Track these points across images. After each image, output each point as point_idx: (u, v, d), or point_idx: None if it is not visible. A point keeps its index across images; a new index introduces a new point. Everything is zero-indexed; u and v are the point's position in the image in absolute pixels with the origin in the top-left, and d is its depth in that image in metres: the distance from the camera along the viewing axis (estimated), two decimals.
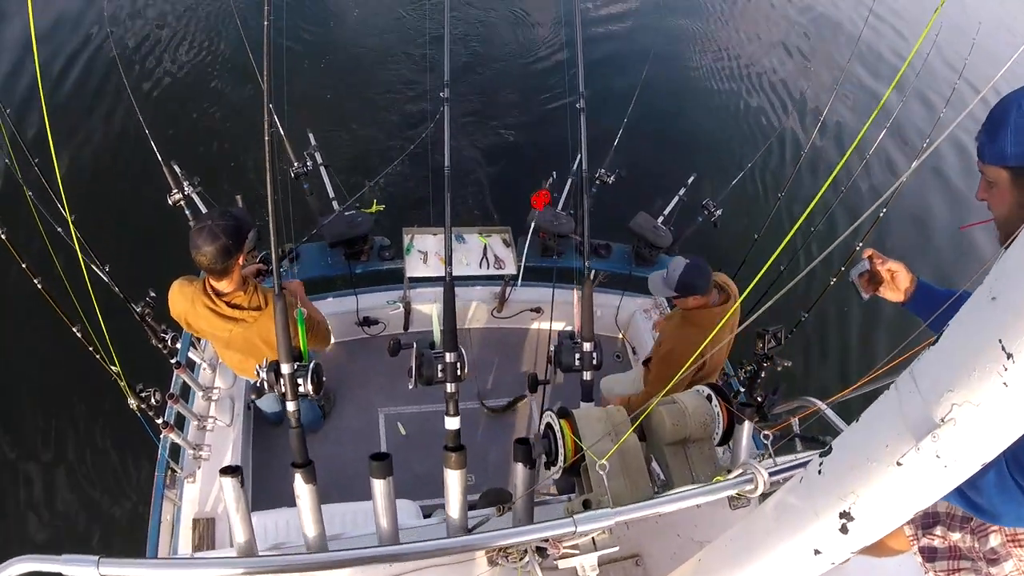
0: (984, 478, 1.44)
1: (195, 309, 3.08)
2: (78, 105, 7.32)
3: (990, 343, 0.84)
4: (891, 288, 2.18)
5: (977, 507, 1.52)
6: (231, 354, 3.43)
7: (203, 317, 3.10)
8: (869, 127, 2.21)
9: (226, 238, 2.79)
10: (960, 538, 1.89)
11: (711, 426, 1.95)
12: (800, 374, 6.38)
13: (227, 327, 3.11)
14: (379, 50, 9.06)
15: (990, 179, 1.66)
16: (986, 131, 1.62)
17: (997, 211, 1.69)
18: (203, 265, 2.86)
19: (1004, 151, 1.57)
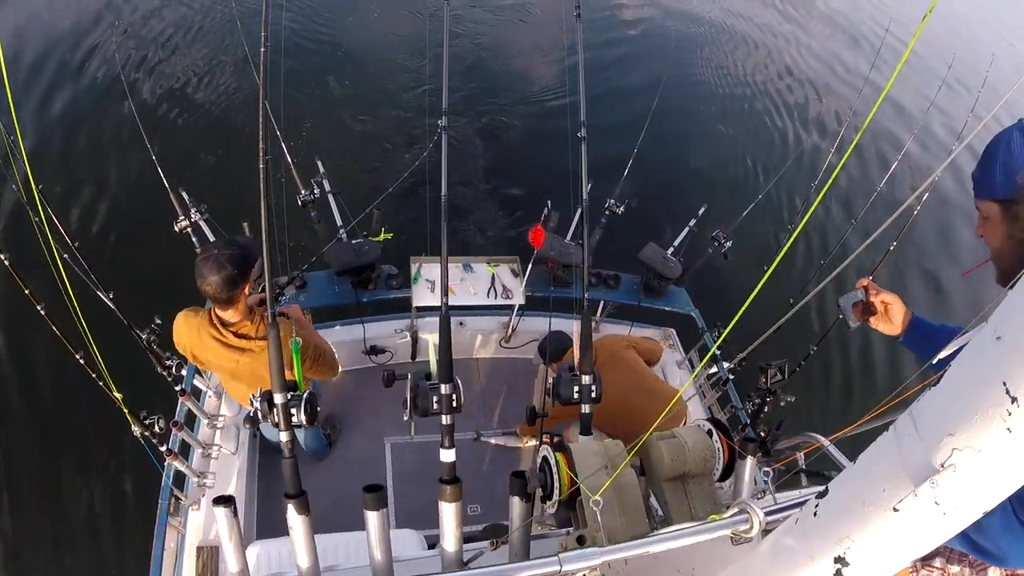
0: (989, 519, 1.40)
1: (201, 340, 3.08)
2: (83, 131, 7.43)
3: (994, 385, 0.80)
4: (883, 320, 2.17)
5: (982, 550, 1.49)
6: (237, 385, 3.42)
7: (209, 348, 3.10)
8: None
9: (232, 267, 2.80)
10: (959, 571, 1.85)
11: (711, 462, 1.91)
12: (806, 408, 6.30)
13: (234, 357, 3.10)
14: (385, 77, 9.19)
15: (984, 214, 1.71)
16: (980, 167, 1.67)
17: (991, 245, 1.73)
18: (209, 294, 2.86)
19: (993, 184, 1.62)
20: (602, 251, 4.50)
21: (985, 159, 1.64)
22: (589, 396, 2.18)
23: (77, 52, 8.44)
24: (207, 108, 8.11)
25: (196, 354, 3.21)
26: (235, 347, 3.08)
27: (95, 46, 8.56)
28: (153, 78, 8.37)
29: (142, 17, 9.31)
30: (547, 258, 4.22)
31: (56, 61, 8.23)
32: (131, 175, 6.82)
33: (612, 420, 3.24)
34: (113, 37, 8.61)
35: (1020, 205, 1.59)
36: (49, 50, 8.32)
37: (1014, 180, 1.58)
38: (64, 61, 8.27)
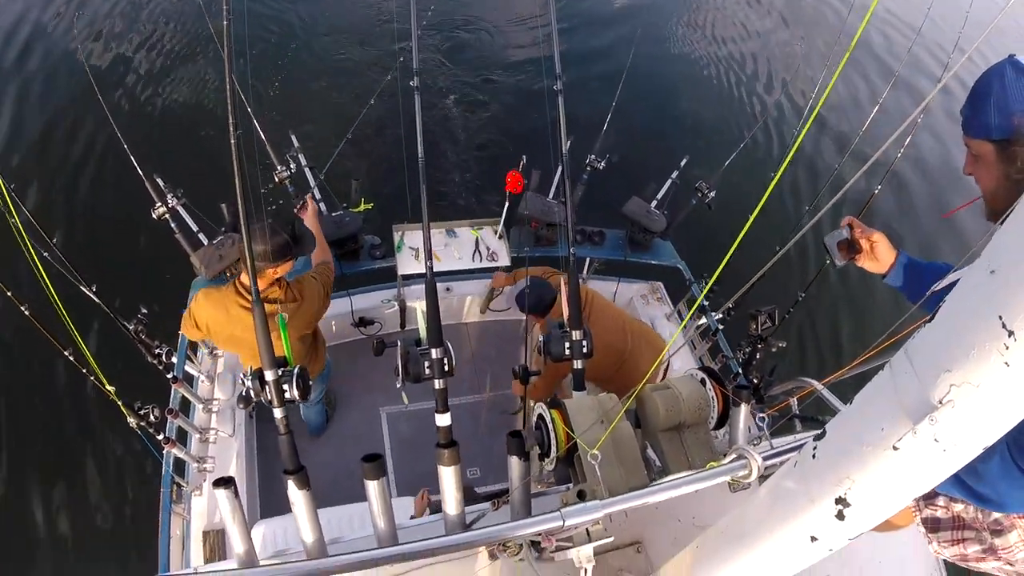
0: (986, 465, 1.40)
1: (228, 313, 3.14)
2: (48, 122, 7.28)
3: (989, 320, 0.79)
4: (869, 258, 2.13)
5: (981, 496, 1.49)
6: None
7: (237, 319, 3.15)
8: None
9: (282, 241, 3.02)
10: (963, 508, 1.86)
11: (706, 410, 1.92)
12: (798, 354, 6.35)
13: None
14: (351, 41, 9.02)
15: (975, 153, 1.66)
16: (969, 104, 1.62)
17: (983, 185, 1.69)
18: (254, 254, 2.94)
19: (988, 124, 1.57)
20: (585, 207, 4.47)
21: (976, 97, 1.60)
22: (580, 352, 2.18)
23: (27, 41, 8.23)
24: (176, 91, 7.94)
25: (217, 331, 3.25)
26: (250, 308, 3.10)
27: (49, 32, 8.34)
28: (116, 62, 8.17)
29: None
30: (531, 217, 4.19)
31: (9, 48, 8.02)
32: (103, 165, 6.69)
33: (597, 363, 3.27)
34: (74, 22, 8.36)
35: (1017, 146, 1.56)
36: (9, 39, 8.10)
37: (1010, 119, 1.54)
38: (15, 52, 8.06)
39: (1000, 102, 1.54)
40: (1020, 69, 1.53)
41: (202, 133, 7.23)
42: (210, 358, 4.20)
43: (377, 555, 1.62)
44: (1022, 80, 1.53)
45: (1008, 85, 1.53)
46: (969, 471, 1.44)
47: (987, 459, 1.40)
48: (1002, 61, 1.57)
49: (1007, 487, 1.41)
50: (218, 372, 4.15)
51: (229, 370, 4.16)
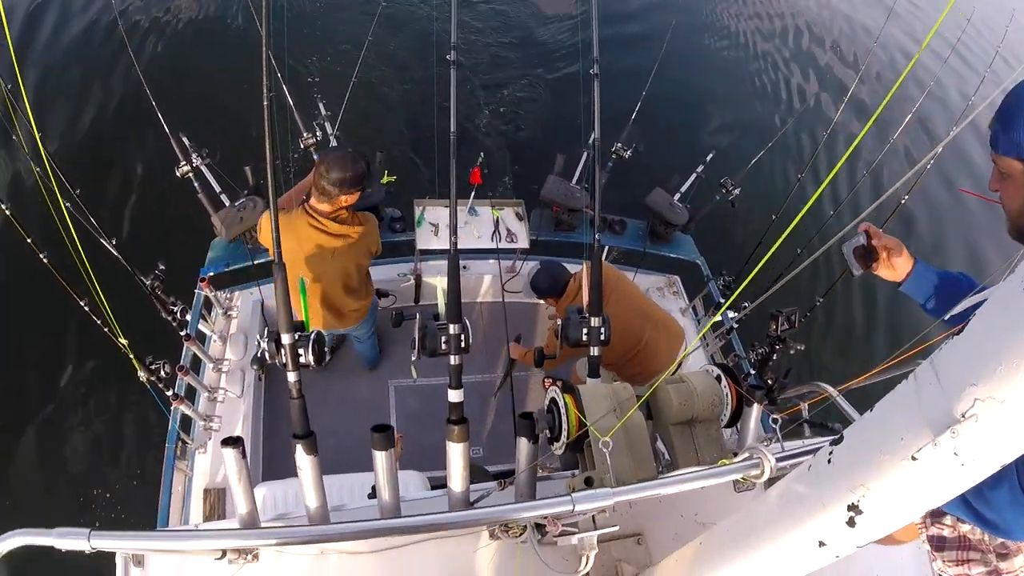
0: (995, 492, 1.39)
1: (296, 232, 3.22)
2: (81, 77, 7.29)
3: (1018, 336, 0.79)
4: (886, 266, 2.09)
5: (988, 522, 1.47)
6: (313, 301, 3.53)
7: (306, 238, 3.24)
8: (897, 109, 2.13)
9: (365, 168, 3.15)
10: (970, 529, 1.85)
11: (719, 407, 1.91)
12: (813, 359, 6.32)
13: (333, 243, 3.29)
14: (387, 14, 8.93)
15: (1003, 170, 1.59)
16: (999, 120, 1.54)
17: (1009, 204, 1.62)
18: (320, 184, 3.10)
19: (1019, 142, 1.50)
20: (608, 196, 4.43)
21: (1006, 113, 1.52)
22: (598, 338, 2.17)
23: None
24: (208, 52, 7.94)
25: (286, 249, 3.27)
26: (335, 234, 3.27)
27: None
28: (150, 20, 8.15)
29: None
30: (553, 201, 4.18)
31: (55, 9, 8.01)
32: (130, 121, 6.69)
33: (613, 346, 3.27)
34: None
35: None
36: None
37: None
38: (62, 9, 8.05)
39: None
40: None
41: (231, 95, 7.22)
42: (224, 319, 4.23)
43: (380, 526, 1.63)
44: None
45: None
46: (978, 496, 1.43)
47: (996, 486, 1.39)
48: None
49: (1014, 515, 1.40)
50: (231, 333, 4.17)
51: (242, 331, 4.19)
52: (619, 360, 3.56)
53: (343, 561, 1.92)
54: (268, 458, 3.95)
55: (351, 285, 3.60)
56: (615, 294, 3.55)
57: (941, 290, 2.04)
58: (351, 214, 3.34)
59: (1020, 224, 1.62)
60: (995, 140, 1.57)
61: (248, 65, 7.59)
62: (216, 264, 3.86)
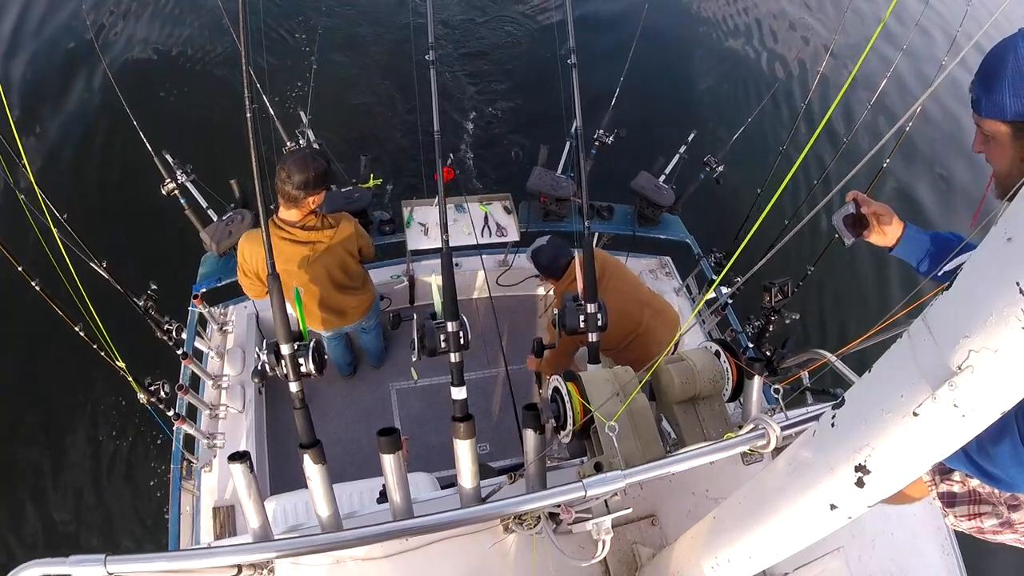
0: (998, 447, 1.40)
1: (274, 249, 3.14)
2: (57, 100, 7.24)
3: (1007, 286, 0.80)
4: (877, 232, 2.10)
5: (992, 476, 1.48)
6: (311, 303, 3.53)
7: (280, 252, 3.20)
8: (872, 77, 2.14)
9: (322, 166, 3.07)
10: (979, 483, 1.87)
11: (720, 382, 1.93)
12: (812, 327, 6.36)
13: (302, 252, 3.26)
14: (363, 17, 8.90)
15: (987, 132, 1.59)
16: (980, 82, 1.53)
17: (996, 165, 1.63)
18: (285, 190, 3.04)
19: (1002, 105, 1.49)
20: (594, 182, 4.44)
21: (988, 75, 1.50)
22: (596, 324, 2.18)
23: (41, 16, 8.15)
24: (185, 67, 7.87)
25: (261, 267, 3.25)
26: (303, 242, 3.24)
27: (59, 7, 8.27)
28: (125, 37, 8.09)
29: None
30: (539, 192, 4.19)
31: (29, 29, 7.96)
32: (112, 141, 6.66)
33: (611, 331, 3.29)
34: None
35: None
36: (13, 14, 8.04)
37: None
38: (29, 26, 8.00)
39: (1015, 81, 1.46)
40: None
41: (212, 110, 7.20)
42: (219, 334, 4.22)
43: (394, 528, 1.63)
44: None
45: (1023, 63, 1.44)
46: (981, 452, 1.45)
47: (999, 441, 1.41)
48: (1014, 36, 1.47)
49: (1018, 470, 1.40)
50: (228, 348, 4.17)
51: (239, 346, 4.18)
52: (617, 345, 3.57)
53: (359, 568, 1.92)
54: (275, 471, 3.95)
55: (344, 283, 3.58)
56: (612, 280, 3.57)
57: (933, 251, 2.04)
58: (320, 217, 3.29)
59: (1008, 185, 1.62)
60: (977, 103, 1.56)
61: (226, 78, 7.58)
62: (208, 279, 3.85)
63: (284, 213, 3.18)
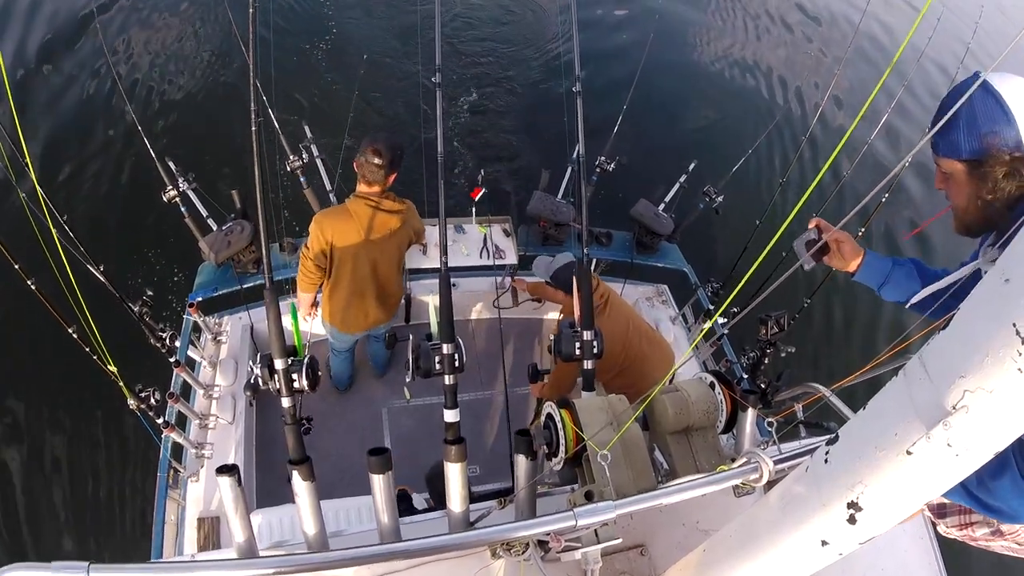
0: (998, 482, 1.44)
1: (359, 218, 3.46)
2: (64, 102, 7.23)
3: (1003, 327, 0.81)
4: (836, 257, 2.20)
5: (994, 510, 1.52)
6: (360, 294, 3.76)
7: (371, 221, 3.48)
8: (872, 113, 2.19)
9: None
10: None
11: (714, 414, 1.92)
12: (806, 360, 6.35)
13: (390, 222, 3.55)
14: (371, 37, 8.96)
15: (945, 171, 1.69)
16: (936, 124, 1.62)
17: (954, 201, 1.73)
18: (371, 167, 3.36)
19: (958, 145, 1.60)
20: (593, 208, 4.47)
21: (943, 117, 1.59)
22: (591, 352, 2.17)
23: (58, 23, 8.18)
24: (193, 77, 7.91)
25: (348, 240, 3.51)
26: (391, 211, 3.53)
27: (69, 11, 8.32)
28: (135, 44, 8.13)
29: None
30: (539, 216, 4.20)
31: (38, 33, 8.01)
32: (116, 146, 6.67)
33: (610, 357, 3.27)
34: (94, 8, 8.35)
35: (988, 166, 1.58)
36: (30, 22, 8.08)
37: (980, 140, 1.56)
38: (46, 32, 8.04)
39: (969, 122, 1.56)
40: (986, 87, 1.54)
41: (217, 120, 7.23)
42: (213, 344, 4.21)
43: (381, 551, 1.61)
44: (989, 99, 1.54)
45: (976, 105, 1.54)
46: (981, 486, 1.47)
47: (998, 475, 1.43)
48: (967, 80, 1.57)
49: (1020, 503, 1.44)
50: (221, 359, 4.15)
51: (232, 357, 4.17)
52: (611, 371, 3.56)
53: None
54: (262, 484, 3.92)
55: (399, 268, 3.87)
56: (610, 308, 3.57)
57: (892, 276, 2.16)
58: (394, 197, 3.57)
59: (966, 220, 1.73)
60: (935, 144, 1.67)
61: (233, 88, 7.61)
62: (205, 289, 3.84)
63: (367, 188, 3.45)
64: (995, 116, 1.54)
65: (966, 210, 1.70)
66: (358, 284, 3.68)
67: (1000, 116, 1.53)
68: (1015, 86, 1.55)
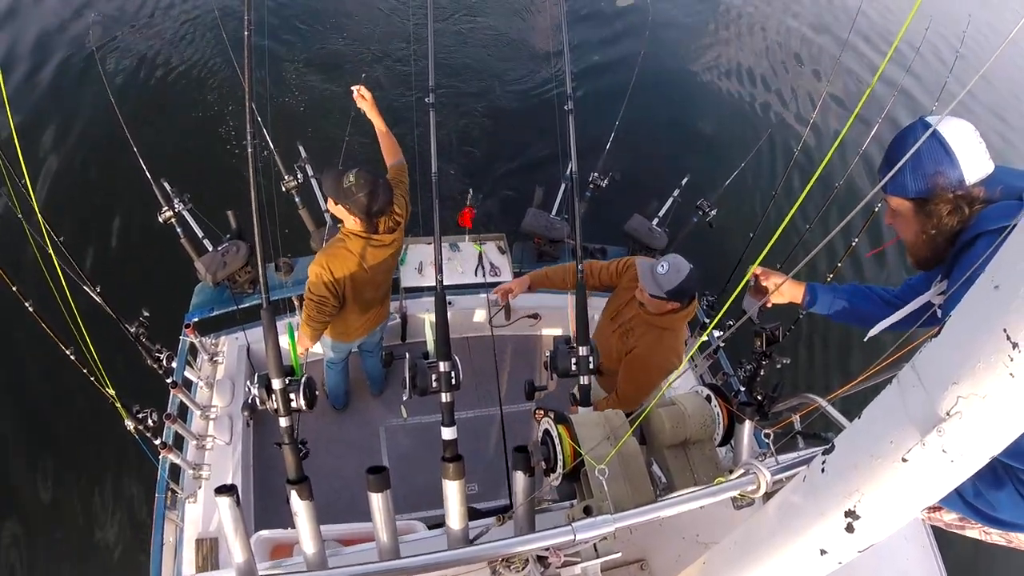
0: (998, 495, 1.50)
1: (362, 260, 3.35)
2: (59, 123, 7.27)
3: (994, 333, 0.81)
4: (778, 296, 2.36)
5: (997, 520, 1.57)
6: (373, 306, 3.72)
7: (370, 256, 3.36)
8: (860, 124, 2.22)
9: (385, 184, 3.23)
10: None
11: (711, 427, 1.92)
12: (803, 371, 6.36)
13: (387, 253, 3.44)
14: (364, 58, 9.00)
15: (894, 208, 1.78)
16: (886, 164, 1.73)
17: (903, 236, 1.83)
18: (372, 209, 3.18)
19: (905, 185, 1.69)
20: (588, 225, 4.46)
21: (891, 158, 1.69)
22: (587, 367, 2.18)
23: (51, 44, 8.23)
24: (188, 98, 7.92)
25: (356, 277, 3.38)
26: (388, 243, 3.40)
27: (64, 34, 8.36)
28: (130, 67, 8.15)
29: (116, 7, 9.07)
30: (533, 233, 4.22)
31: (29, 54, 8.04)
32: (111, 167, 6.67)
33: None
34: (90, 29, 8.39)
35: (932, 204, 1.65)
36: (21, 44, 8.12)
37: (925, 180, 1.64)
38: (37, 52, 8.08)
39: (915, 164, 1.64)
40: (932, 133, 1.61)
41: (212, 141, 7.24)
42: (210, 365, 4.20)
43: (380, 568, 1.61)
44: (934, 143, 1.62)
45: (921, 148, 1.62)
46: (982, 500, 1.51)
47: (998, 487, 1.46)
48: (914, 123, 1.68)
49: (1020, 514, 1.49)
50: (217, 379, 4.14)
51: (228, 377, 4.15)
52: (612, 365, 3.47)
53: None
54: (260, 504, 3.89)
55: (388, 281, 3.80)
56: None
57: (838, 301, 2.33)
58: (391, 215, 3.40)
59: (916, 254, 1.82)
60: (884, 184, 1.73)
61: (229, 109, 7.63)
62: (201, 309, 3.84)
63: (364, 227, 3.28)
64: (939, 158, 1.62)
65: (915, 244, 1.79)
66: (363, 306, 3.65)
67: (944, 158, 1.62)
68: (957, 129, 1.63)
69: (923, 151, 1.62)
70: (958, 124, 1.64)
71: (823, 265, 5.61)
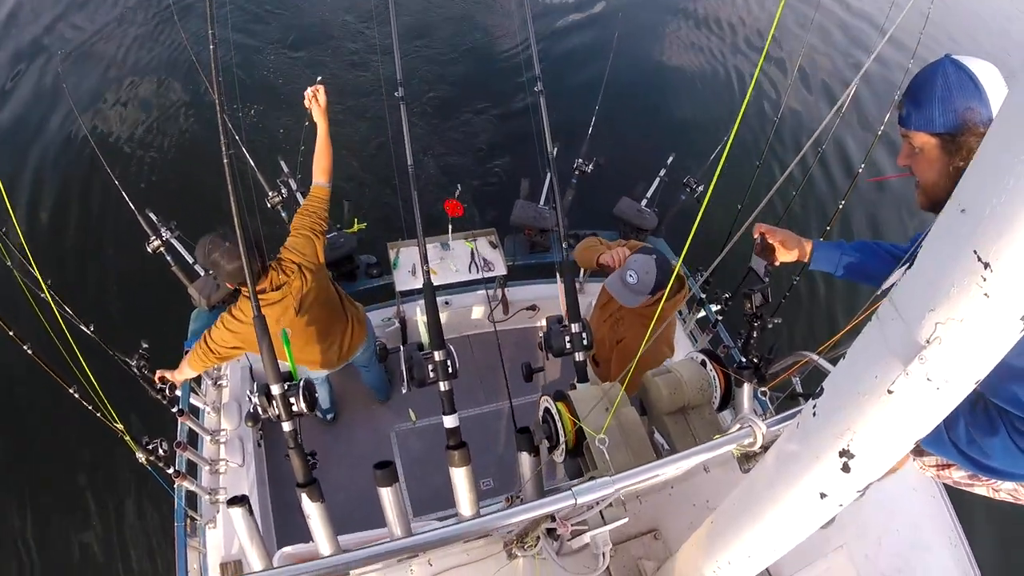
0: (991, 442, 1.49)
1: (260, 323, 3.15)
2: (36, 162, 7.24)
3: (965, 256, 0.82)
4: (784, 253, 2.31)
5: (992, 470, 1.58)
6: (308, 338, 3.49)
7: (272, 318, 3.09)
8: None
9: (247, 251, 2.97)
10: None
11: (708, 391, 1.94)
12: (803, 334, 6.36)
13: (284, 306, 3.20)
14: (331, 60, 8.96)
15: (916, 145, 1.72)
16: (910, 100, 1.69)
17: (923, 177, 1.76)
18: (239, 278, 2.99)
19: (932, 118, 1.64)
20: (577, 211, 4.50)
21: (917, 92, 1.67)
22: (581, 344, 2.19)
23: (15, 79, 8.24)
24: (163, 124, 7.89)
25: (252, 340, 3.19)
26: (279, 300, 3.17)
27: (36, 70, 8.36)
28: (103, 98, 8.14)
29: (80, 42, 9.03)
30: (523, 225, 4.23)
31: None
32: (93, 201, 6.66)
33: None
34: (59, 63, 8.38)
35: (963, 136, 1.62)
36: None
37: (955, 114, 1.61)
38: (9, 93, 8.07)
39: (944, 97, 1.61)
40: (959, 66, 1.61)
41: (192, 165, 7.21)
42: (215, 389, 4.20)
43: (394, 547, 1.62)
44: (963, 77, 1.60)
45: (951, 82, 1.60)
46: (975, 448, 1.53)
47: (991, 433, 1.47)
48: (940, 60, 1.65)
49: (1013, 460, 1.49)
50: (224, 402, 4.14)
51: (234, 399, 4.16)
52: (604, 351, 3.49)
53: None
54: (280, 522, 3.90)
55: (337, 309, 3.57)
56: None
57: (851, 258, 2.26)
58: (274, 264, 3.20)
59: (934, 195, 1.76)
60: (907, 118, 1.70)
61: (207, 132, 7.62)
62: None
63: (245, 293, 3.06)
64: (970, 94, 1.60)
65: (935, 184, 1.73)
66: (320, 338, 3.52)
67: (975, 93, 1.59)
68: (985, 68, 1.62)
69: (953, 86, 1.60)
70: (985, 64, 1.63)
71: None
